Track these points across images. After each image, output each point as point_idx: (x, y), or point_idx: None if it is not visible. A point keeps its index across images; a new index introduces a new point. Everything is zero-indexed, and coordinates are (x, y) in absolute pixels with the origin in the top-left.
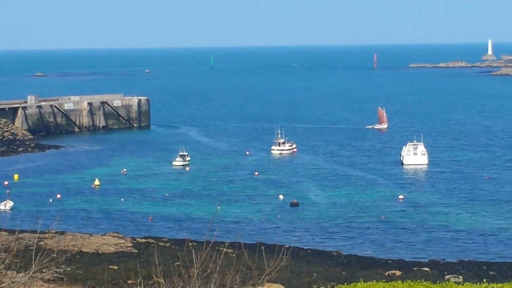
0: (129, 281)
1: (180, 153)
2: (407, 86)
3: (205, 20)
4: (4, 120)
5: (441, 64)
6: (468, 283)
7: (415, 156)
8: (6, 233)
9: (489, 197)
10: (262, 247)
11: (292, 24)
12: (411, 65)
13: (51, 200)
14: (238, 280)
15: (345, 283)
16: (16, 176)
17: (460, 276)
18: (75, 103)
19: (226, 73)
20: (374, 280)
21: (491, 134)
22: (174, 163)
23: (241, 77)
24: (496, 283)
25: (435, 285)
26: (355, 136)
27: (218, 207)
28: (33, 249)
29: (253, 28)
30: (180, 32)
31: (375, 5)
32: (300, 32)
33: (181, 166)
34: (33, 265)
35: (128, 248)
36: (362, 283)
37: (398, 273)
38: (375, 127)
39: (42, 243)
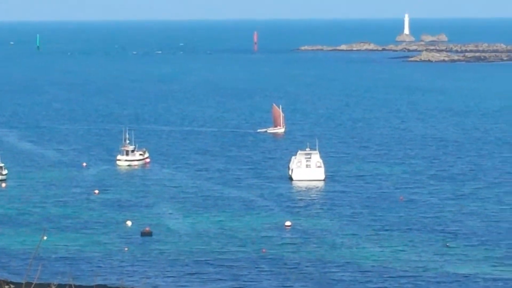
0: None
1: None
2: (299, 75)
3: None
4: None
5: (343, 47)
6: None
7: (307, 169)
8: None
9: (404, 225)
10: None
11: None
12: (302, 48)
13: None
14: None
15: None
16: None
17: None
18: None
19: (58, 57)
20: None
21: (410, 141)
22: None
23: (78, 62)
24: None
25: None
26: (233, 143)
27: (43, 238)
28: None
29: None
30: None
31: None
32: (152, 2)
33: None
34: None
35: None
36: None
37: None
38: (268, 131)
39: None
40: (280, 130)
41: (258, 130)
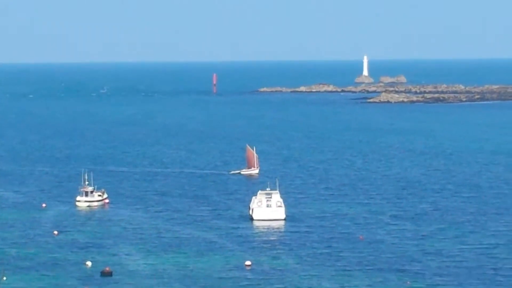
0: None
1: None
2: (259, 117)
3: None
4: None
5: (302, 88)
6: None
7: (268, 209)
8: None
9: (366, 265)
10: None
11: (98, 35)
12: (262, 89)
13: None
14: None
15: None
16: None
17: None
18: None
19: (16, 99)
20: None
21: (371, 182)
22: None
23: (37, 104)
24: None
25: None
26: (193, 184)
27: (3, 279)
28: None
29: (38, 41)
30: None
31: (212, 10)
32: (111, 45)
33: None
34: None
35: None
36: None
37: None
38: (242, 173)
39: None
40: (255, 171)
41: (231, 172)
